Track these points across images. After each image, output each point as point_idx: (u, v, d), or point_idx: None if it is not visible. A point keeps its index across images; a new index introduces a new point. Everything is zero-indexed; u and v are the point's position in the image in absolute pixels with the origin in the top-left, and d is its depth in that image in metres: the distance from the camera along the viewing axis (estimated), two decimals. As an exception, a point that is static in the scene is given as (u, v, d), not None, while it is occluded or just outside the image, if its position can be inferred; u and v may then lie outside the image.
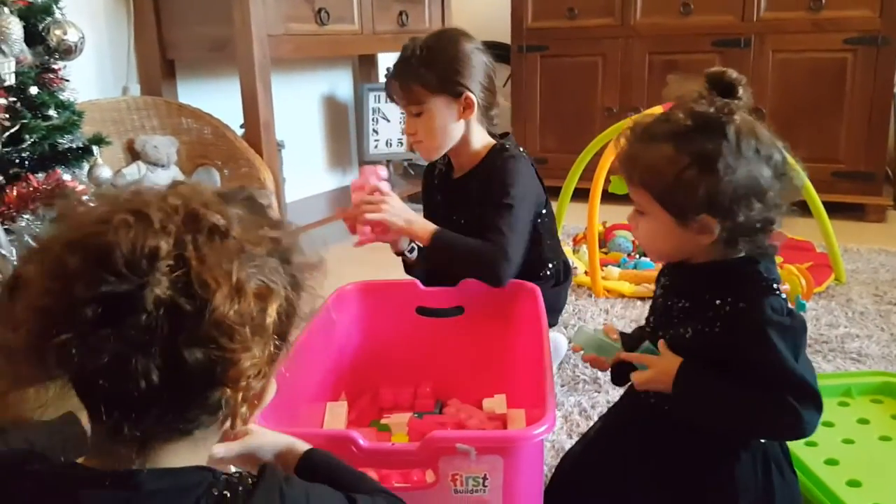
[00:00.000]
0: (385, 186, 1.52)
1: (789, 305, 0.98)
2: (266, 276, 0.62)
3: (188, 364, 0.57)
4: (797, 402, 0.92)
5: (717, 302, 0.98)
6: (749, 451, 1.01)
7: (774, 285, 0.98)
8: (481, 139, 1.64)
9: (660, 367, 1.01)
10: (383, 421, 1.50)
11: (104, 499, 0.59)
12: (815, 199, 2.41)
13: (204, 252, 0.59)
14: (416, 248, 1.62)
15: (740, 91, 1.00)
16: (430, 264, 1.59)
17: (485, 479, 0.95)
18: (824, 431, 1.49)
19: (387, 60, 3.66)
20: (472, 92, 1.56)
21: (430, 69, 1.54)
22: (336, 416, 1.43)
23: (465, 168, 1.65)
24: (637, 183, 1.01)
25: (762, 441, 1.02)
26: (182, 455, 0.63)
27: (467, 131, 1.60)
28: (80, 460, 0.64)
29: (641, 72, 3.56)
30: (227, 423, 0.64)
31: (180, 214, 0.60)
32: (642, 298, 2.31)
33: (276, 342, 0.64)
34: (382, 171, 1.54)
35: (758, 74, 3.32)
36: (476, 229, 1.53)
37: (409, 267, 1.68)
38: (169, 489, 0.61)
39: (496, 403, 1.46)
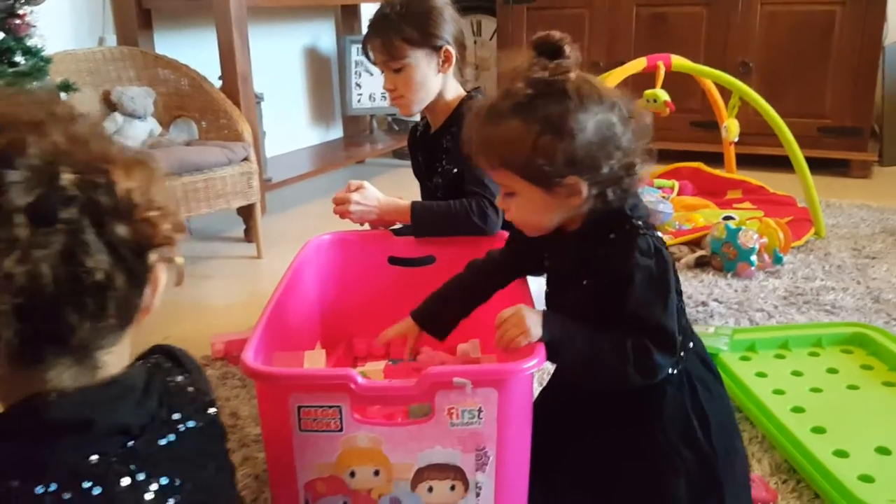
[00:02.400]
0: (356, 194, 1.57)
1: (658, 239, 0.99)
2: (128, 148, 0.65)
3: (120, 238, 0.59)
4: (654, 346, 0.96)
5: (593, 256, 1.00)
6: (673, 384, 1.03)
7: (640, 224, 0.99)
8: (454, 91, 1.65)
9: (519, 321, 1.00)
10: (359, 368, 1.51)
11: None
12: (798, 154, 2.41)
13: (80, 139, 0.60)
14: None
15: (567, 50, 0.99)
16: (422, 235, 1.58)
17: (480, 411, 0.98)
18: (793, 380, 1.51)
19: (369, 12, 3.60)
20: (450, 45, 1.59)
21: (410, 24, 1.56)
22: (315, 365, 1.44)
23: (438, 122, 1.67)
24: (498, 165, 1.01)
25: (681, 368, 1.03)
26: (121, 357, 0.66)
27: (443, 86, 1.62)
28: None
29: (629, 25, 3.52)
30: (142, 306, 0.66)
31: (39, 110, 0.61)
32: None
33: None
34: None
35: (746, 28, 3.29)
36: (456, 183, 1.54)
37: None
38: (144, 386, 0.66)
39: (470, 348, 1.46)
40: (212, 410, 0.72)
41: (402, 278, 1.53)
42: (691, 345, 1.07)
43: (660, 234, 1.02)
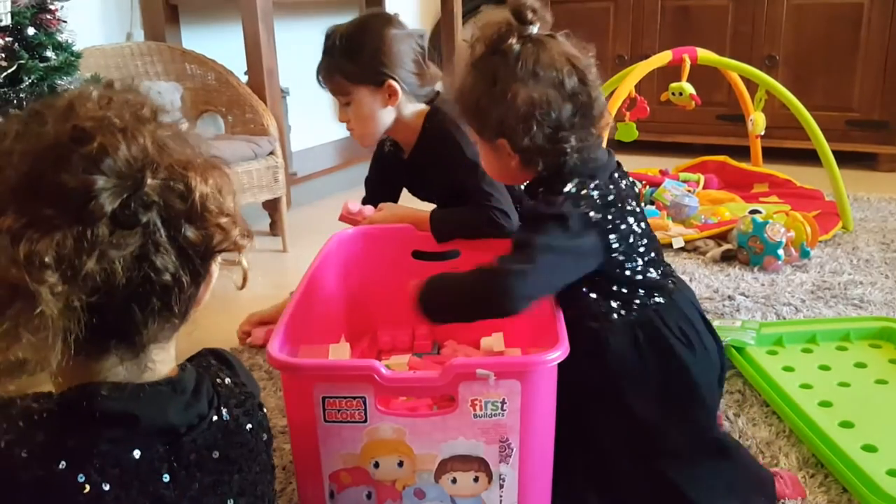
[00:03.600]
0: (365, 210, 1.62)
1: (580, 208, 1.03)
2: (206, 151, 0.66)
3: (192, 244, 0.61)
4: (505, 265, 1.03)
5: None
6: (616, 334, 1.07)
7: (552, 197, 1.05)
8: (414, 110, 1.61)
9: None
10: (384, 362, 1.51)
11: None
12: (825, 147, 2.38)
13: (162, 140, 0.61)
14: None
15: (529, 16, 1.04)
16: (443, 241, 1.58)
17: (503, 402, 0.98)
18: (820, 374, 1.49)
19: (394, 5, 3.61)
20: (395, 79, 1.55)
21: (350, 60, 1.54)
22: (340, 358, 1.45)
23: (409, 143, 1.65)
24: (460, 110, 1.13)
25: (632, 319, 1.08)
26: (170, 352, 0.68)
27: (398, 112, 1.59)
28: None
29: (654, 18, 3.49)
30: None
31: (127, 112, 0.62)
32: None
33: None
34: (352, 205, 1.63)
35: (772, 20, 3.25)
36: (446, 203, 1.59)
37: None
38: (194, 387, 0.68)
39: (494, 341, 1.47)
40: (261, 413, 0.74)
41: (426, 272, 1.52)
42: (653, 301, 1.09)
43: (592, 213, 1.04)
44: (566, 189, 1.05)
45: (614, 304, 1.09)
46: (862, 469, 1.16)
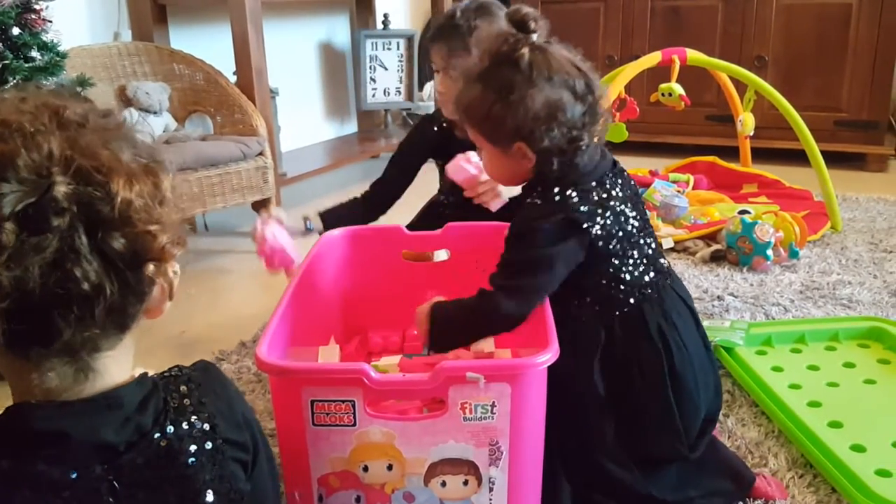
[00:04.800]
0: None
1: (572, 210, 1.07)
2: (141, 153, 0.64)
3: (114, 250, 0.58)
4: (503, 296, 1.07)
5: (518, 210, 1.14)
6: (589, 325, 1.12)
7: (563, 194, 1.08)
8: None
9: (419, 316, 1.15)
10: (374, 363, 1.51)
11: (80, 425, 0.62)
12: (813, 147, 2.39)
13: (80, 144, 0.59)
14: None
15: (532, 25, 1.08)
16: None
17: (493, 406, 0.98)
18: (809, 374, 1.50)
19: (384, 6, 3.60)
20: None
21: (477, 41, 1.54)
22: (328, 359, 1.44)
23: None
24: (466, 122, 1.14)
25: (595, 313, 1.12)
26: (121, 361, 0.66)
27: None
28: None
29: (644, 19, 3.50)
30: (148, 307, 0.66)
31: (44, 115, 0.60)
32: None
33: (178, 213, 0.66)
34: (473, 156, 1.52)
35: (761, 21, 3.26)
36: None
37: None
38: (139, 402, 0.65)
39: (484, 343, 1.46)
40: (209, 443, 0.67)
41: (416, 273, 1.53)
42: (636, 299, 1.12)
43: (584, 208, 1.08)
44: (555, 191, 1.09)
45: (595, 304, 1.13)
46: (851, 469, 1.16)
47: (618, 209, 1.11)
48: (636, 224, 1.13)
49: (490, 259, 1.16)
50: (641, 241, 1.14)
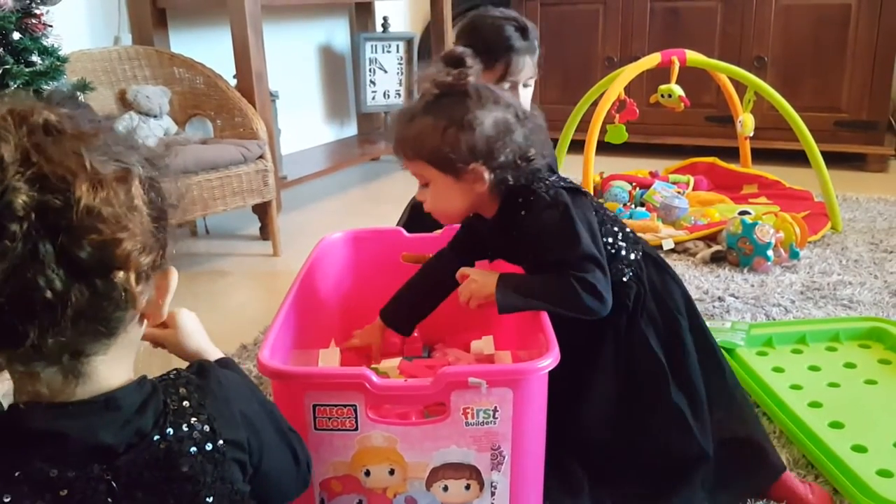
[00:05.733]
0: None
1: (557, 185, 1.15)
2: (117, 158, 0.62)
3: (78, 257, 0.57)
4: (587, 273, 1.09)
5: (515, 231, 1.16)
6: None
7: (541, 185, 1.15)
8: None
9: (480, 280, 1.17)
10: (374, 366, 1.51)
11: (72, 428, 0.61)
12: (814, 148, 2.39)
13: (46, 149, 0.59)
14: None
15: (468, 61, 1.14)
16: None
17: (495, 410, 0.98)
18: (810, 375, 1.50)
19: (383, 9, 3.61)
20: None
21: None
22: (329, 362, 1.44)
23: None
24: (413, 158, 1.17)
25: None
26: (114, 365, 0.65)
27: None
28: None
29: (643, 21, 3.50)
30: (140, 314, 0.66)
31: (10, 120, 0.59)
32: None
33: (155, 220, 0.65)
34: None
35: (761, 22, 3.27)
36: None
37: None
38: (138, 404, 0.64)
39: (483, 344, 1.47)
40: (209, 444, 0.67)
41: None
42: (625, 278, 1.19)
43: (560, 178, 1.19)
44: (547, 182, 1.16)
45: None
46: (852, 469, 1.16)
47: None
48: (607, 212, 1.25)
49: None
50: (618, 225, 1.23)
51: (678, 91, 2.39)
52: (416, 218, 1.75)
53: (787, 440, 1.31)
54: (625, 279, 1.19)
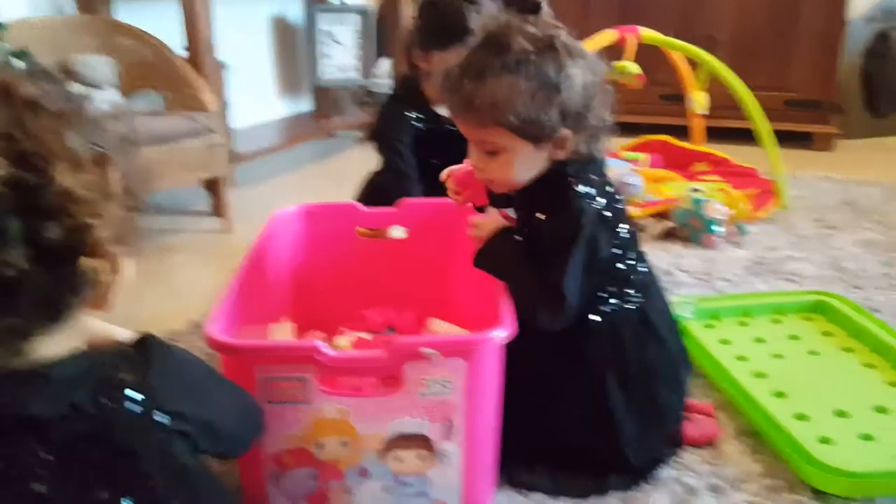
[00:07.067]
0: None
1: (595, 200, 1.05)
2: (94, 141, 0.61)
3: (47, 239, 0.56)
4: (549, 304, 1.04)
5: (532, 216, 1.08)
6: (597, 332, 1.10)
7: (580, 186, 1.05)
8: None
9: (488, 222, 1.13)
10: (333, 340, 1.50)
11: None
12: (761, 126, 2.43)
13: (28, 126, 0.57)
14: None
15: (543, 6, 1.05)
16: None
17: (449, 381, 0.98)
18: (755, 346, 1.54)
19: (337, -18, 3.54)
20: None
21: None
22: (282, 337, 1.43)
23: None
24: (490, 123, 1.02)
25: (613, 318, 1.11)
26: (53, 344, 0.63)
27: None
28: None
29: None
30: (92, 301, 0.65)
31: None
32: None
33: (127, 208, 0.64)
34: None
35: (714, 1, 3.29)
36: None
37: None
38: (72, 376, 0.62)
39: (439, 325, 1.47)
40: (149, 416, 0.65)
41: (371, 250, 1.52)
42: (631, 297, 1.12)
43: (605, 182, 1.09)
44: (590, 179, 1.07)
45: (611, 300, 1.12)
46: (794, 437, 1.20)
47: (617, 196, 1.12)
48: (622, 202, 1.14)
49: (446, 236, 1.16)
50: (635, 234, 1.16)
51: (634, 68, 2.40)
52: (376, 195, 1.74)
53: (734, 410, 1.34)
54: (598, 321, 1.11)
